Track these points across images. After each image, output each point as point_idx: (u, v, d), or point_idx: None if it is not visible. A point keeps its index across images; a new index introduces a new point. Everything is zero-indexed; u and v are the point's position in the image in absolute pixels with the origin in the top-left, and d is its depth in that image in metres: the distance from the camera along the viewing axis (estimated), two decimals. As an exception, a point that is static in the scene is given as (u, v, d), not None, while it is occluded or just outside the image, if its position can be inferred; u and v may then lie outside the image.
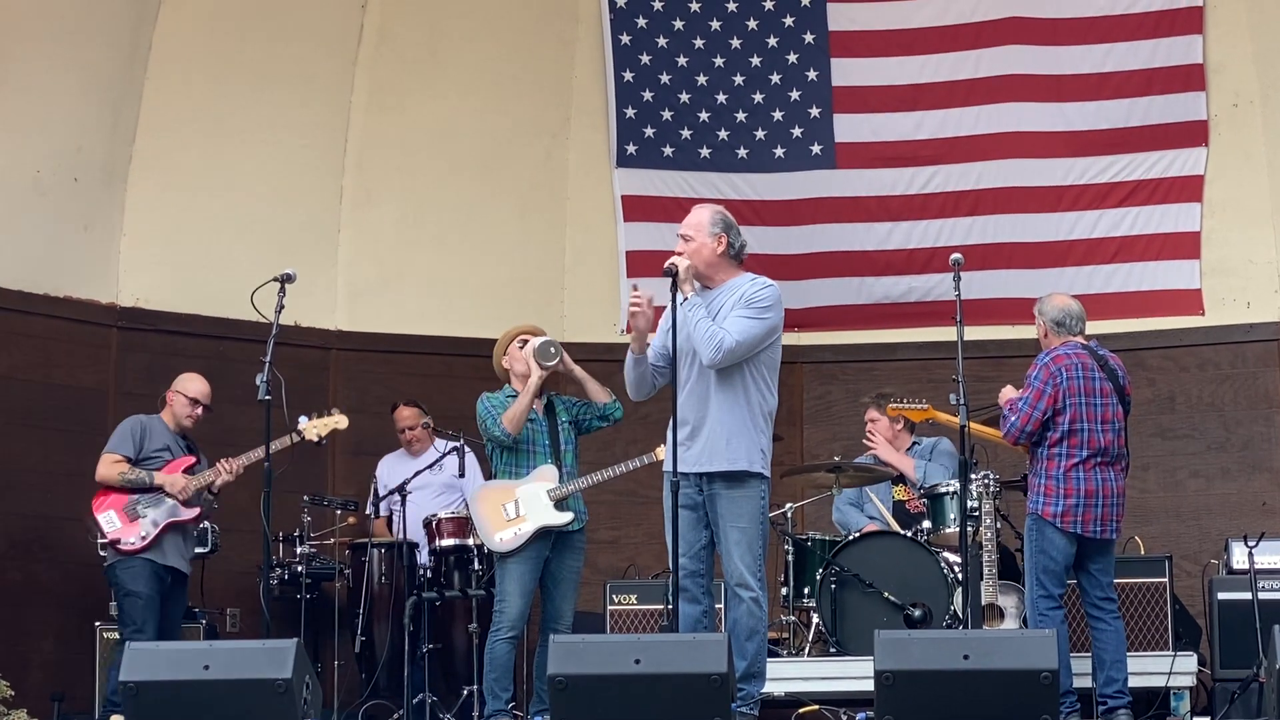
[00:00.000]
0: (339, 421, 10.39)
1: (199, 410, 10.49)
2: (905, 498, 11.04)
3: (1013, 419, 9.32)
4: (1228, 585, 10.27)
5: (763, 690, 8.71)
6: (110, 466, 10.25)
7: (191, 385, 10.53)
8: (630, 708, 7.80)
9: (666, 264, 8.52)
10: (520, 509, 9.60)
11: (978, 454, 10.17)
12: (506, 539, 9.58)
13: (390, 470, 11.43)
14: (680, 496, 8.38)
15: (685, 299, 8.47)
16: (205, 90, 12.08)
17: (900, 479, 11.08)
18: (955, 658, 7.87)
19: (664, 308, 8.57)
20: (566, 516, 9.65)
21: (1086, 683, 9.40)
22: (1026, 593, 9.33)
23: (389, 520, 11.22)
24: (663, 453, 8.72)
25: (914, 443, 11.17)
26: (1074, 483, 9.26)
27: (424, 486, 11.05)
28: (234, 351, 11.57)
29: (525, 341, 9.84)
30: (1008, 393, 9.54)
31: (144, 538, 10.15)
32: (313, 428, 10.27)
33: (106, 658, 10.57)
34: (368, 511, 11.30)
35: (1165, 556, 10.54)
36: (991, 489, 9.97)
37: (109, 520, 10.15)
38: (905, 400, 10.68)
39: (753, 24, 12.86)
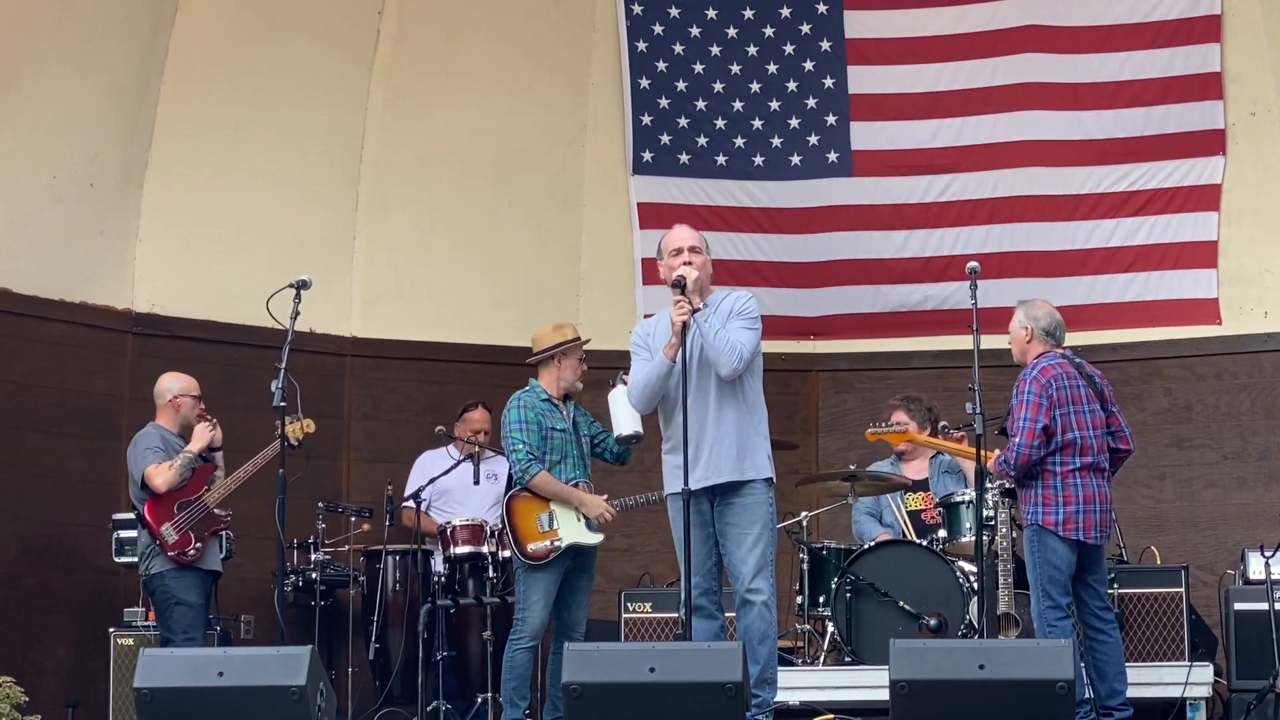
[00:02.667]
0: (309, 425, 10.40)
1: (202, 402, 10.52)
2: (922, 507, 11.02)
3: (1017, 439, 9.23)
4: (1244, 595, 10.25)
5: (775, 698, 8.71)
6: (163, 472, 10.19)
7: (187, 383, 10.53)
8: (645, 716, 7.79)
9: (674, 275, 8.64)
10: (555, 522, 9.58)
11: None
12: (538, 551, 9.56)
13: (429, 470, 11.37)
14: (692, 515, 8.51)
15: (697, 309, 8.58)
16: (221, 96, 12.08)
17: (914, 488, 11.05)
18: (971, 667, 7.86)
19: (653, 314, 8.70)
20: (599, 537, 9.66)
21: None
22: (1033, 605, 9.29)
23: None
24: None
25: (936, 451, 11.14)
26: (1072, 489, 9.22)
27: (470, 491, 11.00)
28: (249, 358, 11.56)
29: (581, 354, 9.80)
30: (992, 463, 9.49)
31: (199, 548, 10.19)
32: (291, 433, 10.32)
33: (121, 664, 10.56)
34: (408, 504, 11.16)
35: (1181, 567, 10.51)
36: (1007, 498, 9.96)
37: (169, 533, 10.15)
38: (882, 424, 10.73)
39: (769, 31, 12.85)
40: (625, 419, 9.34)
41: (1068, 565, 9.17)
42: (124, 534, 10.84)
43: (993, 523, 9.87)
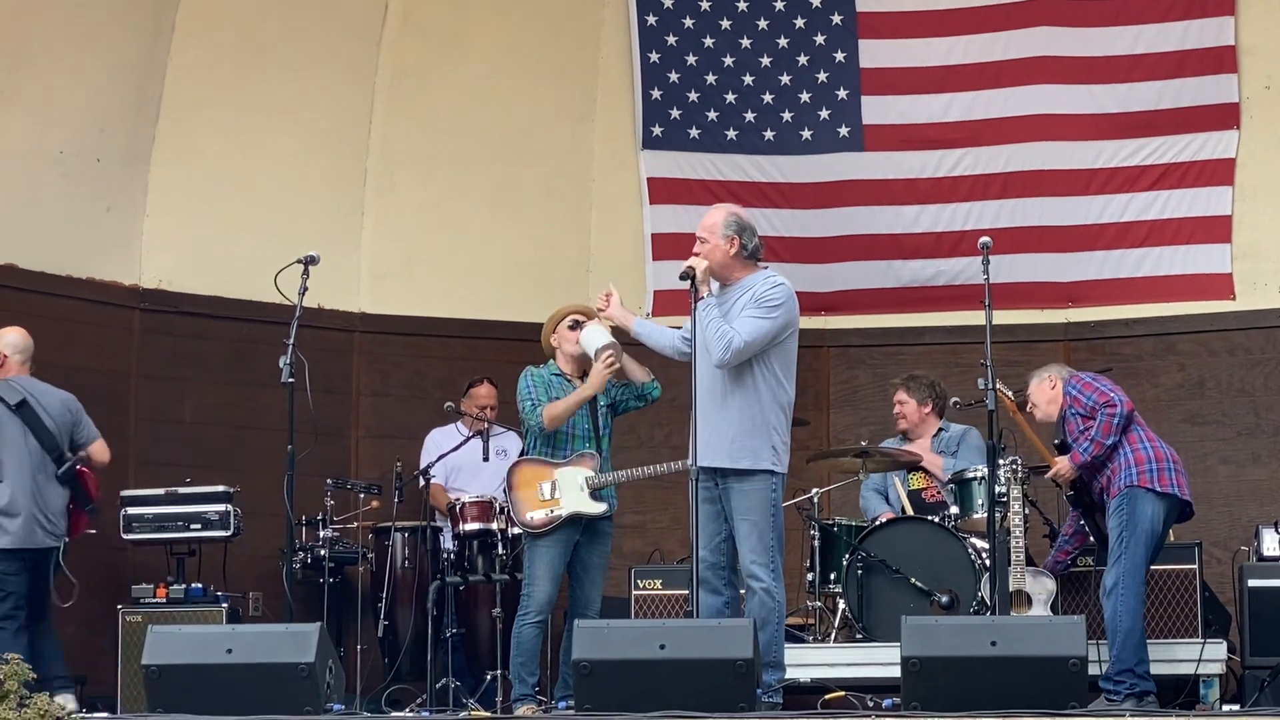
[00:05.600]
0: None
1: None
2: (922, 485, 10.97)
3: (1112, 395, 9.30)
4: (1258, 572, 10.23)
5: (783, 678, 8.70)
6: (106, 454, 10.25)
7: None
8: (655, 693, 7.78)
9: (683, 268, 8.72)
10: (557, 491, 9.54)
11: (1006, 439, 10.11)
12: (538, 519, 9.53)
13: (439, 447, 11.35)
14: (700, 490, 8.56)
15: (701, 299, 8.68)
16: (228, 72, 12.04)
17: (919, 467, 10.99)
18: (983, 644, 7.87)
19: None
20: (601, 506, 9.58)
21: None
22: (1113, 574, 9.20)
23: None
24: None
25: (940, 428, 11.09)
26: (1160, 448, 9.38)
27: (480, 467, 10.97)
28: (257, 334, 11.55)
29: (577, 323, 9.72)
30: (1064, 466, 9.48)
31: None
32: None
33: (129, 641, 10.53)
34: (420, 483, 11.15)
35: (1195, 543, 10.47)
36: (1019, 474, 9.92)
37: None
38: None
39: (780, 5, 12.79)
40: (594, 338, 9.43)
41: (1157, 525, 9.21)
42: (132, 510, 10.82)
43: (1005, 499, 9.83)
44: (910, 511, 10.85)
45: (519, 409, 9.67)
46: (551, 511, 9.50)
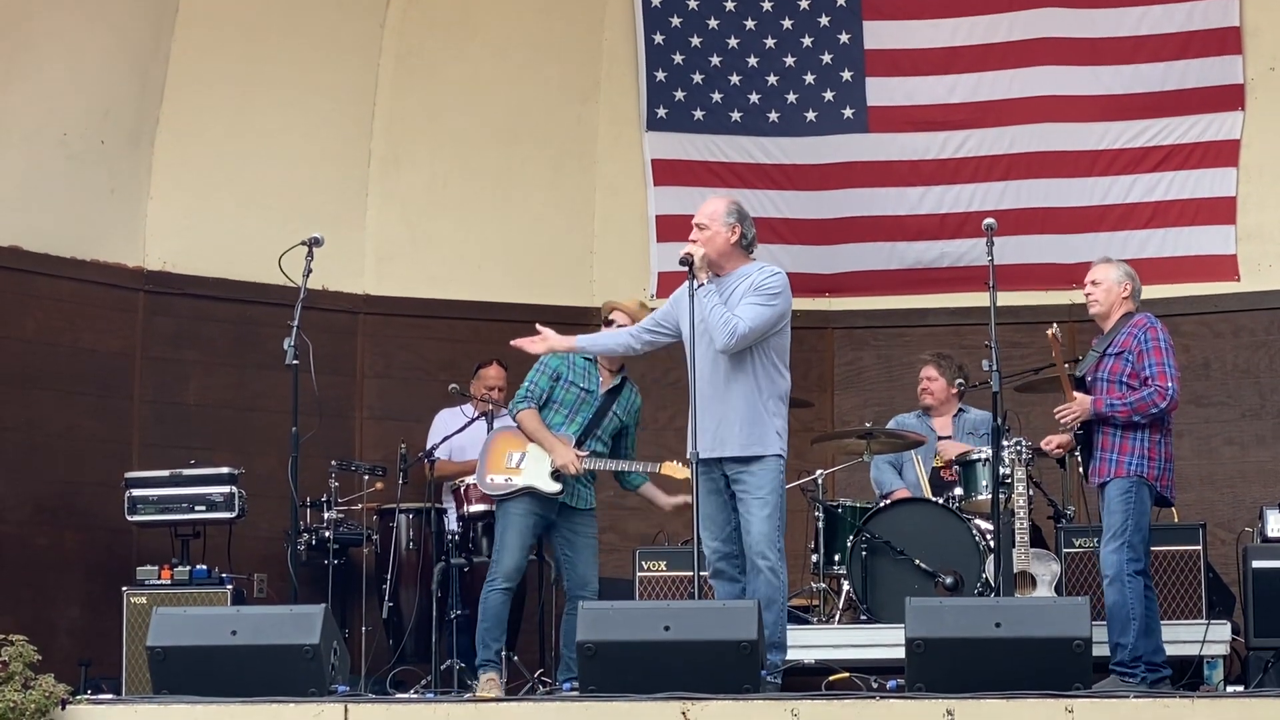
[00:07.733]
0: None
1: None
2: (942, 464, 10.97)
3: (1170, 386, 9.10)
4: (1262, 553, 10.20)
5: (785, 659, 8.71)
6: None
7: None
8: (659, 675, 7.79)
9: (681, 254, 8.73)
10: (522, 463, 9.63)
11: (1010, 420, 10.11)
12: (496, 483, 9.68)
13: (446, 427, 11.37)
14: (705, 482, 8.64)
15: (700, 285, 8.66)
16: (232, 53, 12.03)
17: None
18: (987, 626, 7.87)
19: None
20: (555, 487, 9.66)
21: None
22: (1114, 559, 9.11)
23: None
24: (668, 469, 9.35)
25: (960, 410, 11.09)
26: (1170, 446, 9.27)
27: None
28: (261, 316, 11.55)
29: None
30: (1084, 407, 9.29)
31: None
32: None
33: (134, 623, 10.55)
34: (424, 460, 11.18)
35: (1199, 524, 10.44)
36: (1024, 456, 9.91)
37: None
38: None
39: (784, -15, 12.79)
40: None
41: (1150, 517, 9.18)
42: (136, 492, 10.83)
43: (1009, 480, 9.82)
44: (927, 488, 10.84)
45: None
46: (509, 480, 9.61)
